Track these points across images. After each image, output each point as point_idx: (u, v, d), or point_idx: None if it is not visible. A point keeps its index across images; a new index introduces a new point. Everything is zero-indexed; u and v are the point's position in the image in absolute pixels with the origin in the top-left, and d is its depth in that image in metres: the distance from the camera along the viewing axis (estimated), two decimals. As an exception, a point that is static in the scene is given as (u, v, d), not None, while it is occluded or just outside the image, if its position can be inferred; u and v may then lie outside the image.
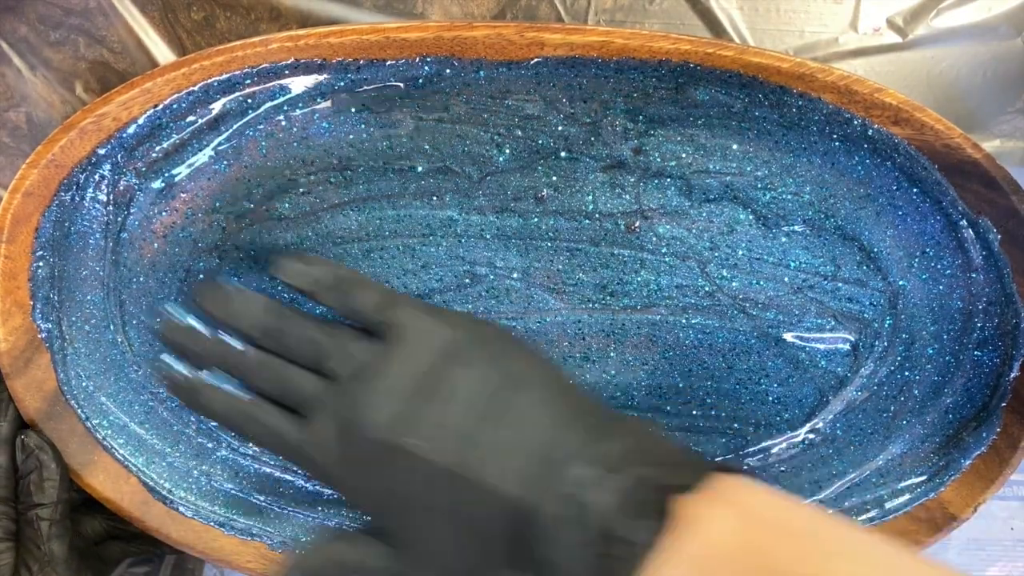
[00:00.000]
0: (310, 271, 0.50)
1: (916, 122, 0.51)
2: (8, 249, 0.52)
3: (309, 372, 0.49)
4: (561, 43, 0.51)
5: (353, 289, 0.50)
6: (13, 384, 0.55)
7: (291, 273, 0.50)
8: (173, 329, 0.51)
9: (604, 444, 0.43)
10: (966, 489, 0.59)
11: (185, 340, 0.51)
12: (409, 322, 0.48)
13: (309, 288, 0.50)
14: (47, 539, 0.53)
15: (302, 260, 0.51)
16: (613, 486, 0.41)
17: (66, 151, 0.52)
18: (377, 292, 0.50)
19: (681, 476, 0.40)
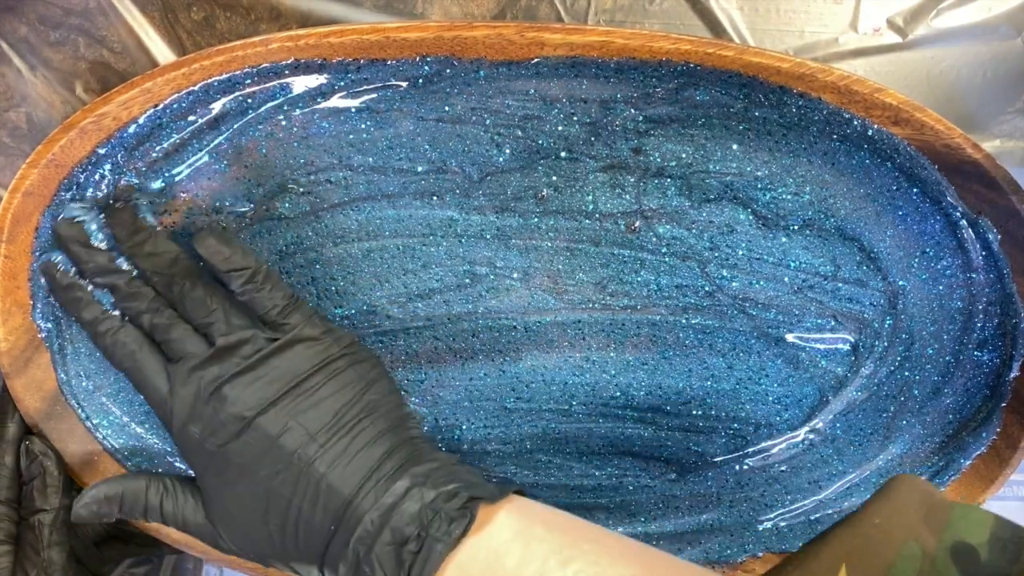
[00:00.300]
0: (229, 254, 0.52)
1: (916, 122, 0.51)
2: (8, 249, 0.52)
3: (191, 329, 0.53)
4: (561, 43, 0.51)
5: (265, 284, 0.53)
6: (13, 384, 0.55)
7: (210, 250, 0.52)
8: (73, 236, 0.53)
9: (423, 465, 0.50)
10: (966, 489, 0.59)
11: (80, 251, 0.53)
12: (303, 328, 0.53)
13: (224, 268, 0.52)
14: (47, 545, 0.54)
15: (223, 241, 0.52)
16: (425, 498, 0.48)
17: (66, 151, 0.51)
18: (284, 294, 0.53)
19: (483, 491, 0.49)
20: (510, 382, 0.62)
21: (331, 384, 0.52)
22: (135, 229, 0.54)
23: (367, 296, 0.60)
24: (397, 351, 0.61)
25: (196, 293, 0.52)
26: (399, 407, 0.55)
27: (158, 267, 0.53)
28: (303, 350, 0.52)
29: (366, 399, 0.53)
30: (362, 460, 0.50)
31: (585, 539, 0.47)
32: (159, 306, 0.53)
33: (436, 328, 0.61)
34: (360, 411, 0.52)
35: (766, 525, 0.63)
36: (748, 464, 0.64)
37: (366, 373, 0.54)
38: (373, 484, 0.49)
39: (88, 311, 0.53)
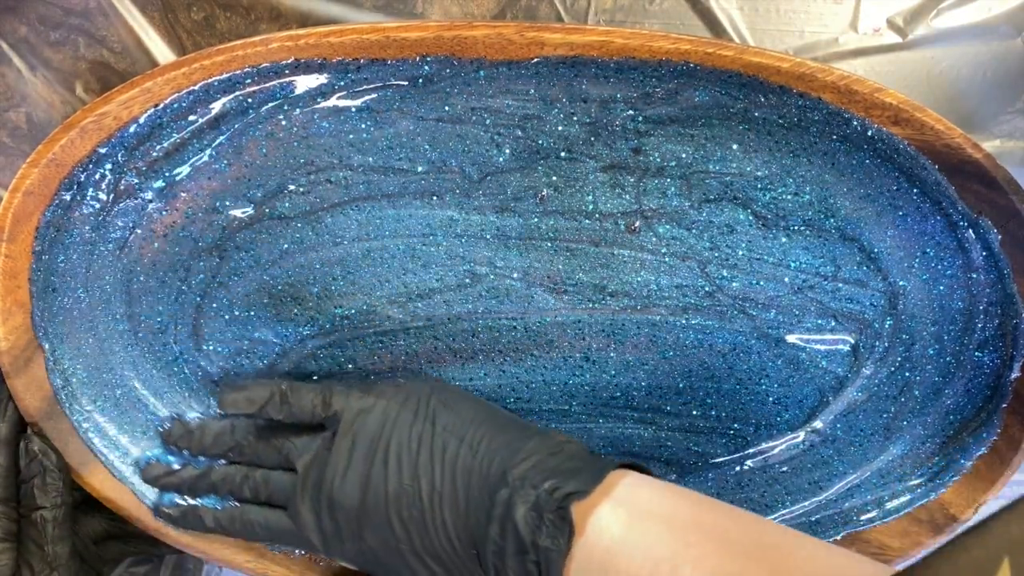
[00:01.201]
0: (248, 396, 0.57)
1: (916, 122, 0.51)
2: (9, 248, 0.52)
3: (278, 471, 0.58)
4: (561, 43, 0.51)
5: (291, 398, 0.57)
6: (13, 383, 0.55)
7: (231, 404, 0.57)
8: (160, 474, 0.59)
9: (520, 465, 0.50)
10: (967, 490, 0.59)
11: (168, 480, 0.59)
12: (345, 408, 0.56)
13: (255, 411, 0.57)
14: (52, 541, 0.54)
15: (237, 389, 0.57)
16: (528, 501, 0.48)
17: (67, 150, 0.52)
18: (313, 393, 0.57)
19: (577, 482, 0.48)
20: (510, 382, 0.62)
21: (397, 432, 0.55)
22: (187, 433, 0.59)
23: (367, 296, 0.60)
24: (397, 351, 0.61)
25: (259, 445, 0.58)
26: (467, 407, 0.56)
27: (224, 446, 0.59)
28: (361, 423, 0.55)
29: (432, 423, 0.55)
30: (459, 478, 0.52)
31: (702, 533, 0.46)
32: (247, 473, 0.58)
33: (436, 328, 0.61)
34: (432, 436, 0.54)
35: (766, 525, 0.63)
36: (748, 465, 0.63)
37: (420, 401, 0.56)
38: (478, 497, 0.51)
39: (210, 520, 0.59)
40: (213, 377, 0.61)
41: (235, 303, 0.59)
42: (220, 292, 0.59)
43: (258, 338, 0.60)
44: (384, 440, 0.54)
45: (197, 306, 0.59)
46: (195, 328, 0.60)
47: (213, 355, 0.61)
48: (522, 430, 0.54)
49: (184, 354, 0.61)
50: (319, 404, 0.56)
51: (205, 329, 0.60)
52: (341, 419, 0.56)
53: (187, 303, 0.59)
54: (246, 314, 0.60)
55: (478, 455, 0.52)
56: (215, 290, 0.59)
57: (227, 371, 0.61)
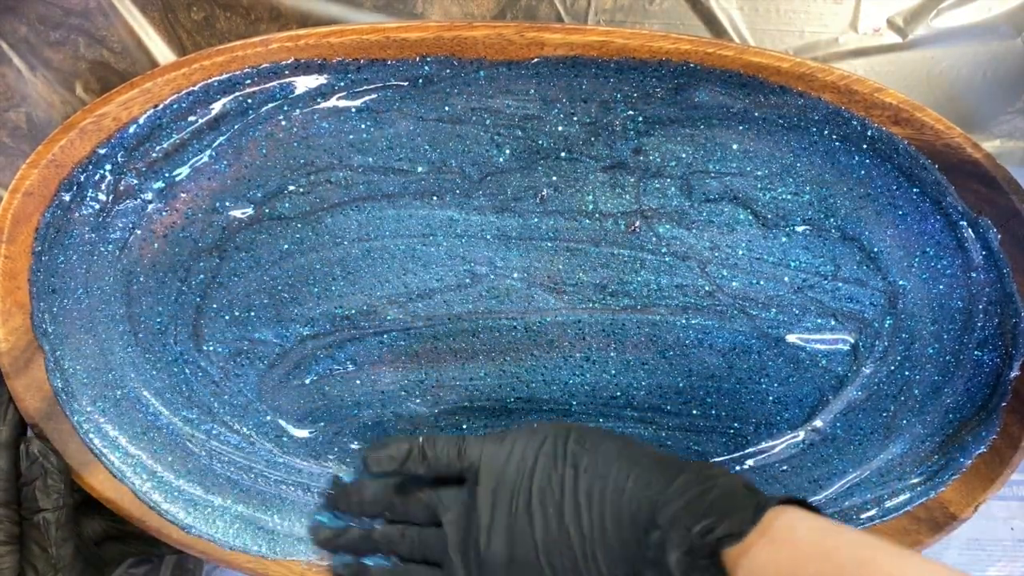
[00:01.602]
0: (390, 454, 0.56)
1: (916, 122, 0.51)
2: (8, 249, 0.52)
3: (431, 527, 0.57)
4: (561, 43, 0.51)
5: (432, 451, 0.56)
6: (13, 384, 0.55)
7: (376, 463, 0.56)
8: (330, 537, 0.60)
9: (670, 505, 0.48)
10: (966, 489, 0.59)
11: (338, 542, 0.60)
12: (482, 459, 0.55)
13: (398, 468, 0.56)
14: (55, 543, 0.54)
15: (382, 449, 0.56)
16: (681, 546, 0.46)
17: (66, 151, 0.51)
18: (448, 445, 0.56)
19: (733, 523, 0.45)
20: (510, 382, 0.62)
21: (538, 479, 0.53)
22: (347, 493, 0.59)
23: (367, 296, 0.60)
24: (397, 351, 0.61)
25: (411, 501, 0.57)
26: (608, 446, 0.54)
27: (379, 506, 0.58)
28: (499, 473, 0.54)
29: (574, 467, 0.53)
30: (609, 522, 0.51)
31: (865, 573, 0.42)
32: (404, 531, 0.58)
33: (436, 328, 0.61)
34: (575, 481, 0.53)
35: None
36: (748, 464, 0.63)
37: (558, 445, 0.54)
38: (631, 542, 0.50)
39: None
40: (214, 378, 0.61)
41: (235, 304, 0.59)
42: (220, 293, 0.59)
43: (258, 338, 0.60)
44: (525, 488, 0.53)
45: (197, 307, 0.59)
46: (195, 329, 0.60)
47: (213, 355, 0.61)
48: (670, 466, 0.52)
49: (184, 355, 0.60)
50: (455, 454, 0.56)
51: (205, 330, 0.60)
52: (480, 469, 0.55)
53: (187, 304, 0.59)
54: (246, 315, 0.60)
55: (625, 495, 0.51)
56: (215, 291, 0.59)
57: (227, 372, 0.61)
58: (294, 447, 0.64)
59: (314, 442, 0.64)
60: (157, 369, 0.60)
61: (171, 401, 0.61)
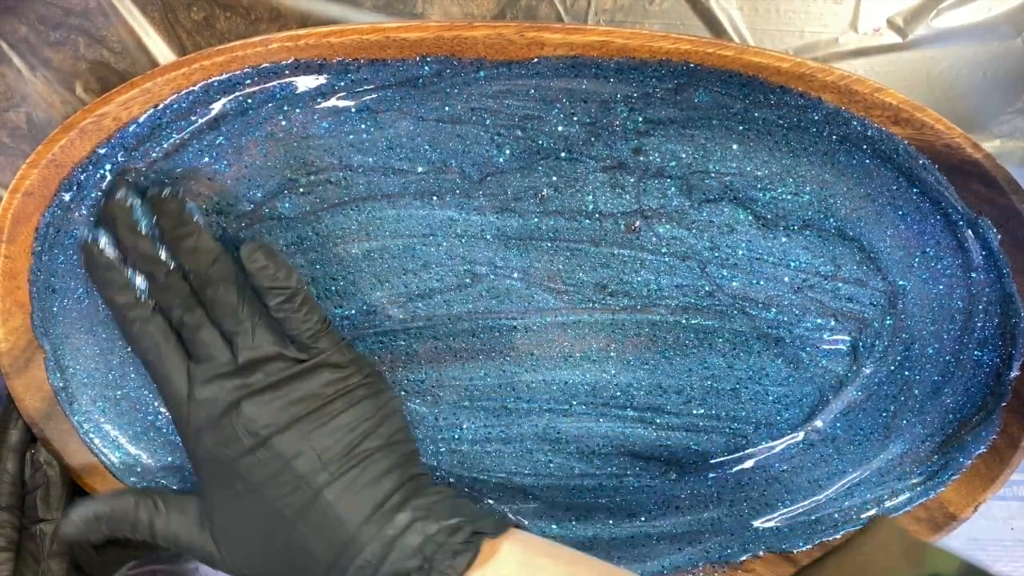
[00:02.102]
0: (274, 271, 0.52)
1: (916, 122, 0.51)
2: (8, 249, 0.52)
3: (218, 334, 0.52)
4: (561, 43, 0.51)
5: (303, 306, 0.52)
6: (13, 384, 0.55)
7: (257, 265, 0.51)
8: (124, 218, 0.52)
9: (425, 499, 0.51)
10: (966, 489, 0.59)
11: (127, 234, 0.52)
12: (330, 354, 0.53)
13: (267, 284, 0.52)
14: (48, 556, 0.53)
15: (270, 256, 0.52)
16: (426, 530, 0.49)
17: (66, 151, 0.51)
18: (317, 318, 0.53)
19: (484, 525, 0.50)
20: (510, 382, 0.62)
21: (349, 413, 0.52)
22: (181, 222, 0.52)
23: (367, 296, 0.60)
24: (397, 351, 0.61)
25: (230, 299, 0.52)
26: (409, 443, 0.55)
27: (197, 265, 0.52)
28: (327, 375, 0.53)
29: (380, 432, 0.53)
30: (370, 493, 0.51)
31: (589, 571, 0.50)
32: (192, 304, 0.52)
33: (436, 328, 0.61)
34: (373, 444, 0.52)
35: (767, 525, 0.63)
36: (748, 464, 0.64)
37: (383, 405, 0.54)
38: (377, 517, 0.50)
39: (122, 295, 0.53)
40: None
41: (235, 303, 0.59)
42: (220, 292, 0.59)
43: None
44: (332, 408, 0.52)
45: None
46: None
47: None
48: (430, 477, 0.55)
49: (184, 354, 0.60)
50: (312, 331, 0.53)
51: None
52: (314, 357, 0.52)
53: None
54: (246, 314, 0.60)
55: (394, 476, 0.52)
56: (215, 290, 0.59)
57: None
58: None
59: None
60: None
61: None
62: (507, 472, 0.64)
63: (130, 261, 0.53)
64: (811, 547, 0.62)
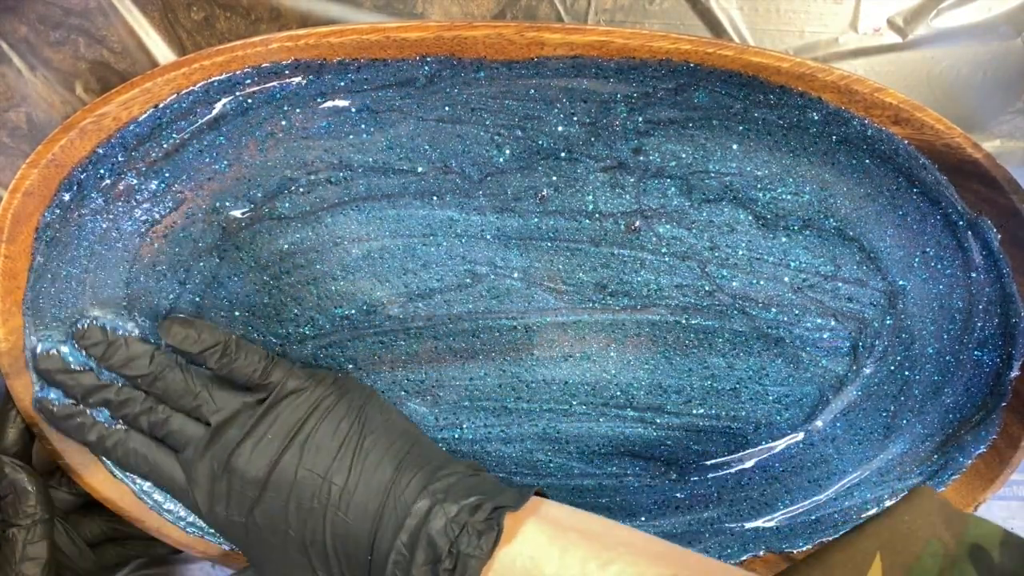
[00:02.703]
0: (197, 336, 0.56)
1: (916, 122, 0.51)
2: (8, 249, 0.52)
3: (182, 415, 0.56)
4: (561, 43, 0.51)
5: (239, 354, 0.56)
6: (13, 384, 0.55)
7: (175, 337, 0.56)
8: (55, 368, 0.56)
9: (440, 481, 0.52)
10: (966, 488, 0.59)
11: (64, 379, 0.56)
12: (286, 383, 0.56)
13: (196, 351, 0.56)
14: (19, 560, 0.53)
15: (189, 326, 0.56)
16: (448, 513, 0.49)
17: (66, 151, 0.51)
18: (258, 357, 0.57)
19: (504, 498, 0.50)
20: (510, 382, 0.62)
21: (326, 423, 0.55)
22: (107, 343, 0.56)
23: (367, 296, 0.60)
24: (397, 351, 0.61)
25: (177, 383, 0.56)
26: (398, 420, 0.57)
27: (137, 370, 0.56)
28: (292, 401, 0.55)
29: (362, 425, 0.55)
30: (375, 484, 0.52)
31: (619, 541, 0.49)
32: (151, 405, 0.56)
33: (436, 328, 0.61)
34: (359, 438, 0.54)
35: (767, 525, 0.63)
36: (749, 464, 0.64)
37: (355, 401, 0.57)
38: (392, 506, 0.51)
39: (92, 433, 0.56)
40: None
41: (235, 303, 0.59)
42: (220, 292, 0.59)
43: (258, 339, 0.60)
44: (309, 427, 0.54)
45: (197, 306, 0.59)
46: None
47: (213, 355, 0.61)
48: (444, 455, 0.56)
49: (184, 354, 0.60)
50: (260, 370, 0.56)
51: (205, 329, 0.60)
52: (273, 391, 0.56)
53: (187, 303, 0.59)
54: (246, 315, 0.60)
55: (400, 468, 0.53)
56: (215, 290, 0.59)
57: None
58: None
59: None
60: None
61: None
62: (507, 472, 0.64)
63: (82, 400, 0.56)
64: (811, 547, 0.62)
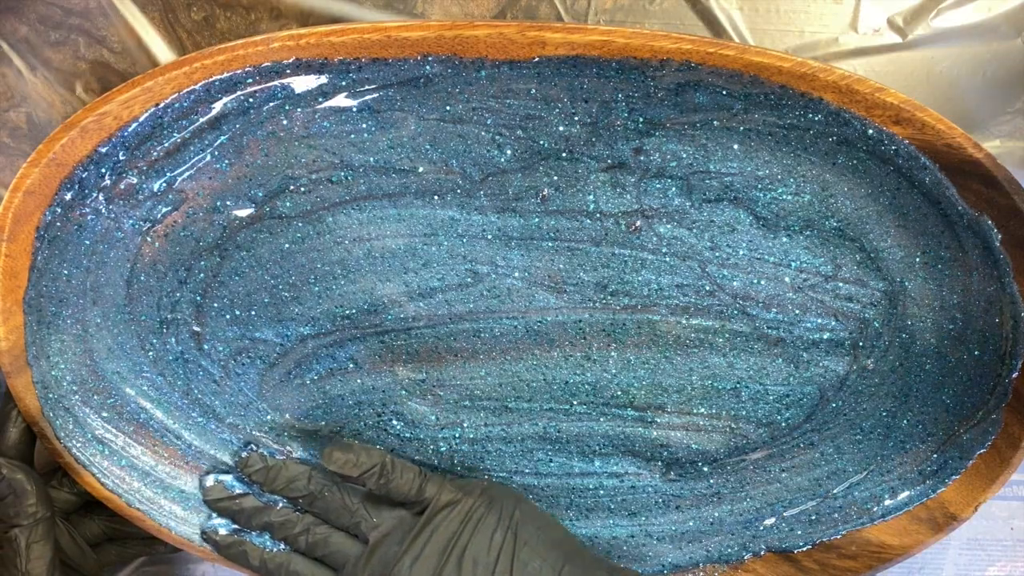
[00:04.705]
0: (356, 460, 0.58)
1: (917, 122, 0.51)
2: (9, 248, 0.52)
3: (341, 533, 0.59)
4: (562, 42, 0.51)
5: (393, 474, 0.58)
6: (14, 383, 0.55)
7: (340, 463, 0.58)
8: (218, 497, 0.60)
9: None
10: (967, 488, 0.59)
11: (227, 507, 0.60)
12: (440, 496, 0.58)
13: (356, 475, 0.58)
14: (25, 560, 0.53)
15: (346, 450, 0.58)
16: None
17: (67, 150, 0.51)
18: (412, 475, 0.59)
19: None
20: (511, 381, 0.62)
21: (479, 535, 0.56)
22: (267, 468, 0.60)
23: (368, 295, 0.60)
24: (398, 350, 0.61)
25: (336, 501, 0.59)
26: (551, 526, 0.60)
27: (298, 491, 0.60)
28: (446, 515, 0.57)
29: (515, 535, 0.57)
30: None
31: None
32: (309, 525, 0.59)
33: (437, 327, 0.61)
34: (514, 548, 0.56)
35: (767, 524, 0.63)
36: (749, 464, 0.64)
37: (505, 509, 0.58)
38: None
39: (256, 558, 0.60)
40: (215, 377, 0.61)
41: (236, 303, 0.59)
42: (221, 291, 0.59)
43: (259, 338, 0.60)
44: (463, 540, 0.56)
45: (198, 305, 0.59)
46: (196, 328, 0.60)
47: (214, 354, 0.61)
48: (595, 561, 0.58)
49: (185, 353, 0.60)
50: (415, 488, 0.58)
51: (206, 329, 0.60)
52: (428, 506, 0.58)
53: (188, 302, 0.59)
54: (247, 314, 0.60)
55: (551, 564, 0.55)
56: (216, 289, 0.59)
57: (228, 371, 0.61)
58: (294, 446, 0.64)
59: (314, 440, 0.64)
60: (157, 367, 0.60)
61: (169, 401, 0.61)
62: (508, 471, 0.64)
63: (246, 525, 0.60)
64: (811, 547, 0.62)
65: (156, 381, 0.61)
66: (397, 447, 0.64)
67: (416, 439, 0.63)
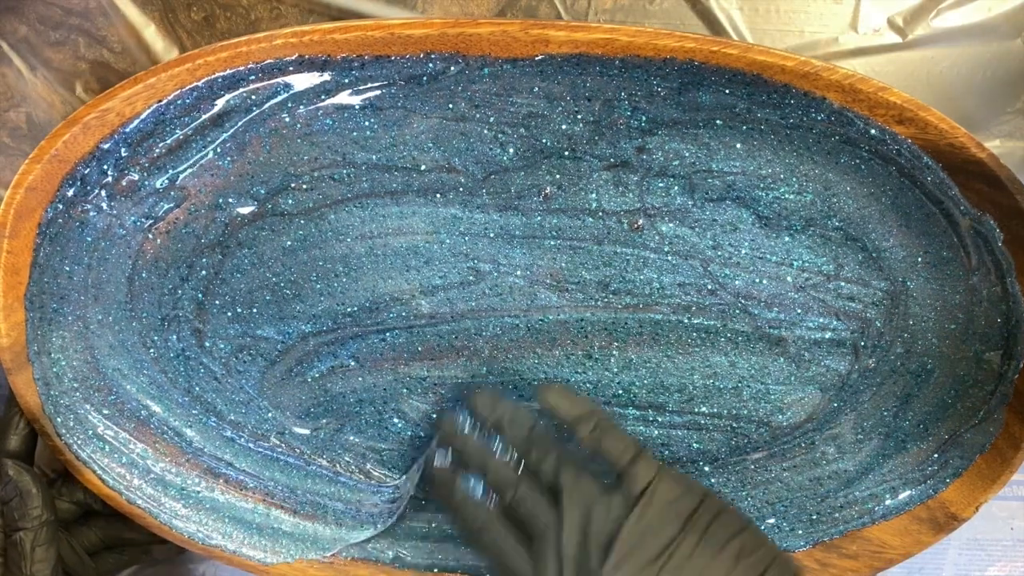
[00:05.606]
0: (574, 407, 0.55)
1: (920, 121, 0.51)
2: (11, 244, 0.52)
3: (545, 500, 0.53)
4: (566, 40, 0.51)
5: (608, 433, 0.54)
6: (15, 380, 0.55)
7: (557, 404, 0.56)
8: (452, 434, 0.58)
9: None
10: (967, 488, 0.59)
11: (460, 443, 0.58)
12: (656, 483, 0.51)
13: (571, 421, 0.55)
14: (31, 562, 0.53)
15: (568, 396, 0.56)
16: None
17: (69, 146, 0.51)
18: (628, 443, 0.54)
19: None
20: (512, 380, 0.62)
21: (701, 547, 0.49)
22: (495, 405, 0.57)
23: (370, 293, 0.60)
24: (399, 349, 0.61)
25: (550, 456, 0.54)
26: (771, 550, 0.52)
27: (517, 437, 0.56)
28: (660, 508, 0.51)
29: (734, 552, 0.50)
30: None
31: None
32: (517, 480, 0.55)
33: (439, 325, 0.60)
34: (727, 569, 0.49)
35: (768, 523, 0.63)
36: (750, 463, 0.64)
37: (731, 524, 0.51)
38: None
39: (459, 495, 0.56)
40: (216, 375, 0.61)
41: (238, 300, 0.59)
42: (223, 289, 0.59)
43: (260, 335, 0.60)
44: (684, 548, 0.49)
45: (199, 303, 0.59)
46: (197, 325, 0.60)
47: (215, 352, 0.61)
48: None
49: (186, 351, 0.60)
50: (627, 458, 0.53)
51: (207, 326, 0.60)
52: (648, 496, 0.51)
53: (189, 300, 0.59)
54: (248, 311, 0.60)
55: None
56: (218, 287, 0.59)
57: (229, 369, 0.61)
58: (295, 444, 0.64)
59: (315, 439, 0.64)
60: (159, 365, 0.60)
61: (170, 398, 0.61)
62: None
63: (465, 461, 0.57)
64: (811, 546, 0.62)
65: (157, 378, 0.60)
66: (398, 447, 0.64)
67: (417, 438, 0.63)
